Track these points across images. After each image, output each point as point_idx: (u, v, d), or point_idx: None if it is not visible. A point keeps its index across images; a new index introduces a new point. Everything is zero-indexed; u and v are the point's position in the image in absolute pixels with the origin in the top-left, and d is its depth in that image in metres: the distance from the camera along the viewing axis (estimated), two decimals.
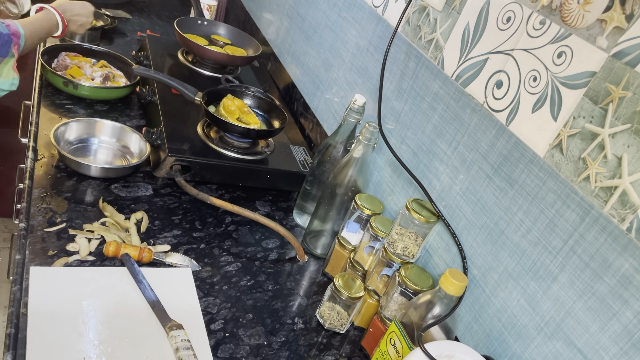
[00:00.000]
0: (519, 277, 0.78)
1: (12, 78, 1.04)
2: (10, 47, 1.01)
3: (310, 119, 1.44)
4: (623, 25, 0.66)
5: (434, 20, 1.00)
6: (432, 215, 0.89)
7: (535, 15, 0.79)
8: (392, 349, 0.80)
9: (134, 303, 0.84)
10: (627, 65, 0.65)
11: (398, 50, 1.10)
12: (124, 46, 1.68)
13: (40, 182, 1.01)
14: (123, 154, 1.17)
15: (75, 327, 0.77)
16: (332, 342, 0.92)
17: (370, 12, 1.21)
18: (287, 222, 1.18)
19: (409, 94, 1.06)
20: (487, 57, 0.88)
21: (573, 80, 0.72)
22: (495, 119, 0.84)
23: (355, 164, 1.03)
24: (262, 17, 1.87)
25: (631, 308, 0.63)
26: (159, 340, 0.79)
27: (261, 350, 0.85)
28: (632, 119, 0.64)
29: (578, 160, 0.71)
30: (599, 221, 0.67)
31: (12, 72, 1.04)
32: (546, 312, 0.73)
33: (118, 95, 1.34)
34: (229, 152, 1.17)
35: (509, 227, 0.80)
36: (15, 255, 0.85)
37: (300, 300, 0.98)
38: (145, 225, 1.01)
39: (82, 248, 0.90)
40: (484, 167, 0.86)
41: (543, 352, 0.73)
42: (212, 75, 1.51)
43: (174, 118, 1.21)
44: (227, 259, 1.01)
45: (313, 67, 1.45)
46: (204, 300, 0.90)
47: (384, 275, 0.93)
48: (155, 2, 2.17)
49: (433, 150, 0.98)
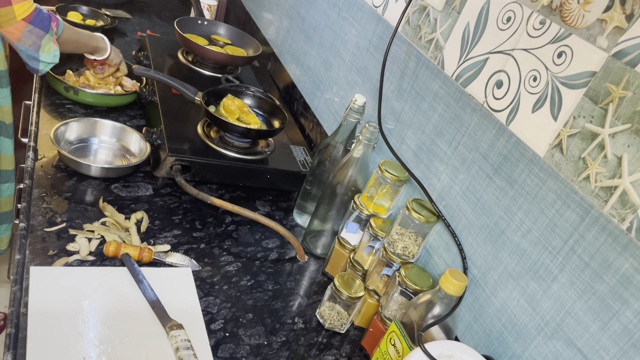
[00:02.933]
0: (519, 277, 0.78)
1: (54, 50, 1.11)
2: (50, 23, 1.09)
3: (310, 119, 1.44)
4: (623, 25, 0.66)
5: (434, 20, 1.00)
6: (432, 215, 0.89)
7: (535, 15, 0.79)
8: (392, 349, 0.80)
9: (134, 303, 0.84)
10: (627, 65, 0.65)
11: (398, 50, 1.10)
12: (124, 46, 1.68)
13: (40, 182, 1.01)
14: (123, 153, 1.17)
15: (76, 326, 0.77)
16: (332, 341, 0.92)
17: (370, 12, 1.21)
18: (287, 222, 1.18)
19: (409, 93, 1.06)
20: (487, 57, 0.88)
21: (573, 80, 0.72)
22: (495, 119, 0.84)
23: (355, 164, 1.03)
24: (262, 17, 1.87)
25: (631, 308, 0.63)
26: (159, 340, 0.79)
27: (261, 350, 0.85)
28: (632, 118, 0.64)
29: (578, 160, 0.71)
30: (599, 221, 0.67)
31: (53, 44, 1.11)
32: (546, 312, 0.73)
33: (122, 103, 1.33)
34: (229, 152, 1.17)
35: (509, 227, 0.80)
36: (16, 255, 0.85)
37: (300, 300, 0.98)
38: (146, 225, 1.01)
39: (82, 248, 0.90)
40: (484, 167, 0.86)
41: (543, 352, 0.73)
42: (212, 75, 1.51)
43: (174, 118, 1.21)
44: (227, 258, 1.01)
45: (313, 67, 1.45)
46: (204, 300, 0.90)
47: (384, 275, 0.93)
48: (155, 2, 2.17)
49: (433, 150, 0.98)
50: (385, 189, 0.98)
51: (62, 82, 1.26)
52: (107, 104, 1.30)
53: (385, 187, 0.98)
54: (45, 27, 1.08)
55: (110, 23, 1.70)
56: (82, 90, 1.25)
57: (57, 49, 1.11)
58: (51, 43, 1.10)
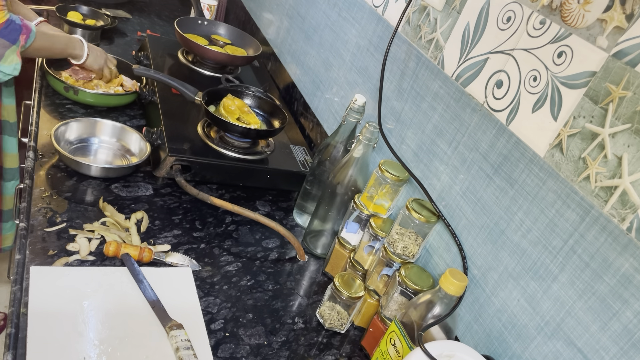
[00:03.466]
0: (519, 276, 0.78)
1: (15, 63, 1.11)
2: (19, 36, 1.09)
3: (311, 119, 1.44)
4: (623, 25, 0.66)
5: (434, 20, 1.00)
6: (432, 215, 0.89)
7: (535, 15, 0.79)
8: (392, 349, 0.80)
9: (134, 303, 0.84)
10: (627, 65, 0.65)
11: (398, 50, 1.10)
12: (124, 46, 1.68)
13: (41, 182, 1.01)
14: (123, 153, 1.17)
15: (76, 326, 0.77)
16: (332, 341, 0.92)
17: (370, 12, 1.21)
18: (287, 221, 1.18)
19: (409, 93, 1.06)
20: (487, 57, 0.88)
21: (573, 80, 0.72)
22: (495, 119, 0.84)
23: (355, 164, 1.03)
24: (262, 17, 1.87)
25: (631, 308, 0.63)
26: (159, 340, 0.79)
27: (261, 350, 0.85)
28: (632, 118, 0.64)
29: (578, 160, 0.70)
30: (599, 221, 0.67)
31: (16, 57, 1.11)
32: (546, 311, 0.73)
33: (122, 103, 1.33)
34: (229, 152, 1.17)
35: (509, 226, 0.80)
36: (16, 255, 0.85)
37: (300, 300, 0.98)
38: (146, 225, 1.01)
39: (82, 248, 0.90)
40: (484, 167, 0.86)
41: (543, 352, 0.73)
42: (212, 75, 1.51)
43: (174, 118, 1.21)
44: (228, 258, 1.01)
45: (313, 66, 1.45)
46: (204, 300, 0.90)
47: (384, 275, 0.93)
48: (155, 2, 2.17)
49: (433, 150, 0.98)
50: (386, 189, 0.98)
51: (62, 82, 1.26)
52: (107, 104, 1.30)
53: (385, 187, 0.98)
54: (12, 39, 1.08)
55: (110, 23, 1.70)
56: (82, 90, 1.25)
57: (19, 62, 1.11)
58: (14, 55, 1.09)
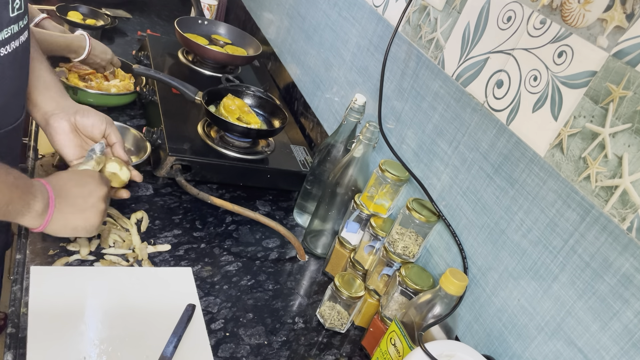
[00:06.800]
0: (520, 276, 0.78)
1: None
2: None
3: (311, 119, 1.44)
4: (624, 24, 0.66)
5: (434, 19, 1.00)
6: (433, 215, 0.89)
7: (535, 14, 0.79)
8: (393, 349, 0.80)
9: (134, 303, 0.84)
10: (628, 65, 0.65)
11: (398, 49, 1.10)
12: (124, 46, 1.68)
13: None
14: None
15: (76, 326, 0.77)
16: (332, 341, 0.92)
17: (370, 12, 1.21)
18: (287, 221, 1.18)
19: (409, 93, 1.06)
20: (487, 57, 0.88)
21: (573, 80, 0.72)
22: (495, 119, 0.84)
23: (355, 164, 1.03)
24: (262, 17, 1.87)
25: (632, 307, 0.63)
26: (159, 340, 0.79)
27: (262, 350, 0.85)
28: (632, 118, 0.64)
29: (578, 159, 0.70)
30: (599, 221, 0.67)
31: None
32: (546, 311, 0.73)
33: (122, 102, 1.33)
34: (230, 152, 1.17)
35: (510, 226, 0.80)
36: (16, 255, 0.85)
37: (300, 300, 0.98)
38: (146, 224, 1.01)
39: (82, 248, 0.90)
40: (485, 167, 0.86)
41: (543, 352, 0.73)
42: (213, 75, 1.51)
43: (174, 118, 1.21)
44: (228, 258, 1.01)
45: (313, 66, 1.45)
46: (204, 299, 0.90)
47: (385, 275, 0.93)
48: (155, 1, 2.17)
49: (433, 150, 0.98)
50: (386, 189, 0.98)
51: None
52: (107, 103, 1.30)
53: (385, 187, 0.98)
54: None
55: (110, 23, 1.70)
56: (82, 90, 1.25)
57: None
58: None
